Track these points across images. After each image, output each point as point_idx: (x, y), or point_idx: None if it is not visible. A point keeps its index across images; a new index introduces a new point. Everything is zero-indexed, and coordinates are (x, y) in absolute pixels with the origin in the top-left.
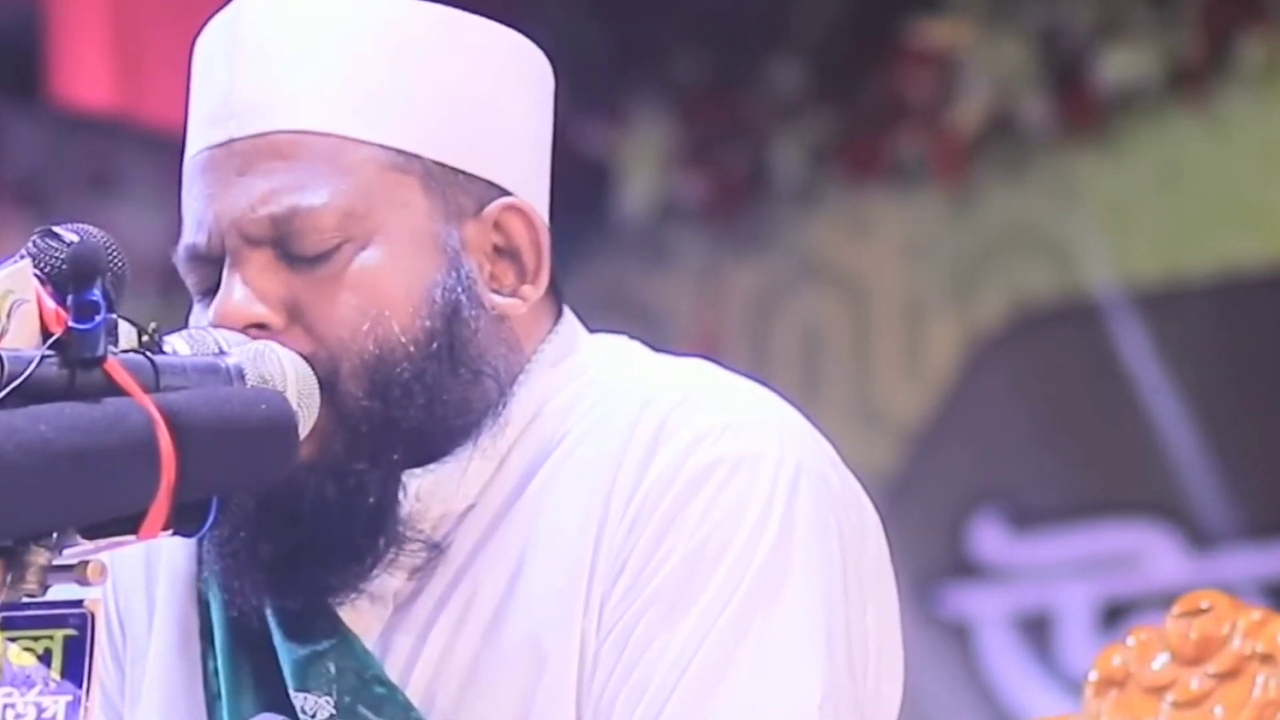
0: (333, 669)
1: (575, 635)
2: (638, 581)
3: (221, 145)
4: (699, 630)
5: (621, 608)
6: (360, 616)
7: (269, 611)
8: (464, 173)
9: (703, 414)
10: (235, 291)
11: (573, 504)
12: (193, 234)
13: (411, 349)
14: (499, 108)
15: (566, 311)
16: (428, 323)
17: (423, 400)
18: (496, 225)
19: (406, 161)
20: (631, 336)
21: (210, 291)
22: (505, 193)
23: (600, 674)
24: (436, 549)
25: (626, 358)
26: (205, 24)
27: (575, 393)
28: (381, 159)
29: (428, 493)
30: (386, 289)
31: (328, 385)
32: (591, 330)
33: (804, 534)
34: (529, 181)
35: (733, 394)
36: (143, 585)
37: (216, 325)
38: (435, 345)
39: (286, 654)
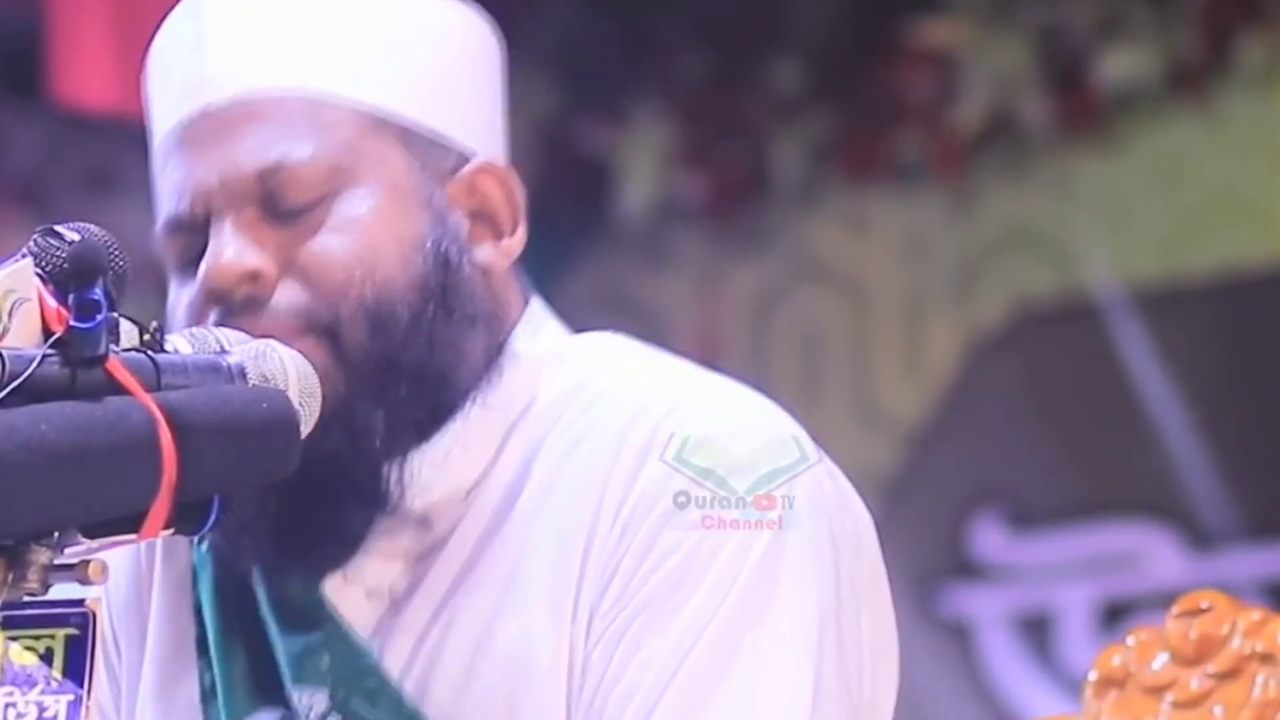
0: (326, 661)
1: (564, 643)
2: (628, 588)
3: (196, 116)
4: (688, 636)
5: (612, 614)
6: (358, 611)
7: (265, 604)
8: (437, 137)
9: (694, 422)
10: (225, 249)
11: (565, 512)
12: (174, 205)
13: (409, 292)
14: (464, 76)
15: (533, 297)
16: (421, 268)
17: (424, 340)
18: (471, 188)
19: (383, 123)
20: (631, 337)
21: (193, 262)
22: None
23: (590, 680)
24: (428, 527)
25: (618, 357)
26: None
27: (567, 391)
28: (359, 118)
29: (417, 475)
30: (376, 234)
31: (329, 332)
32: (592, 330)
33: (796, 540)
34: (494, 151)
35: (725, 400)
36: (136, 600)
37: (208, 286)
38: (431, 288)
39: (283, 648)
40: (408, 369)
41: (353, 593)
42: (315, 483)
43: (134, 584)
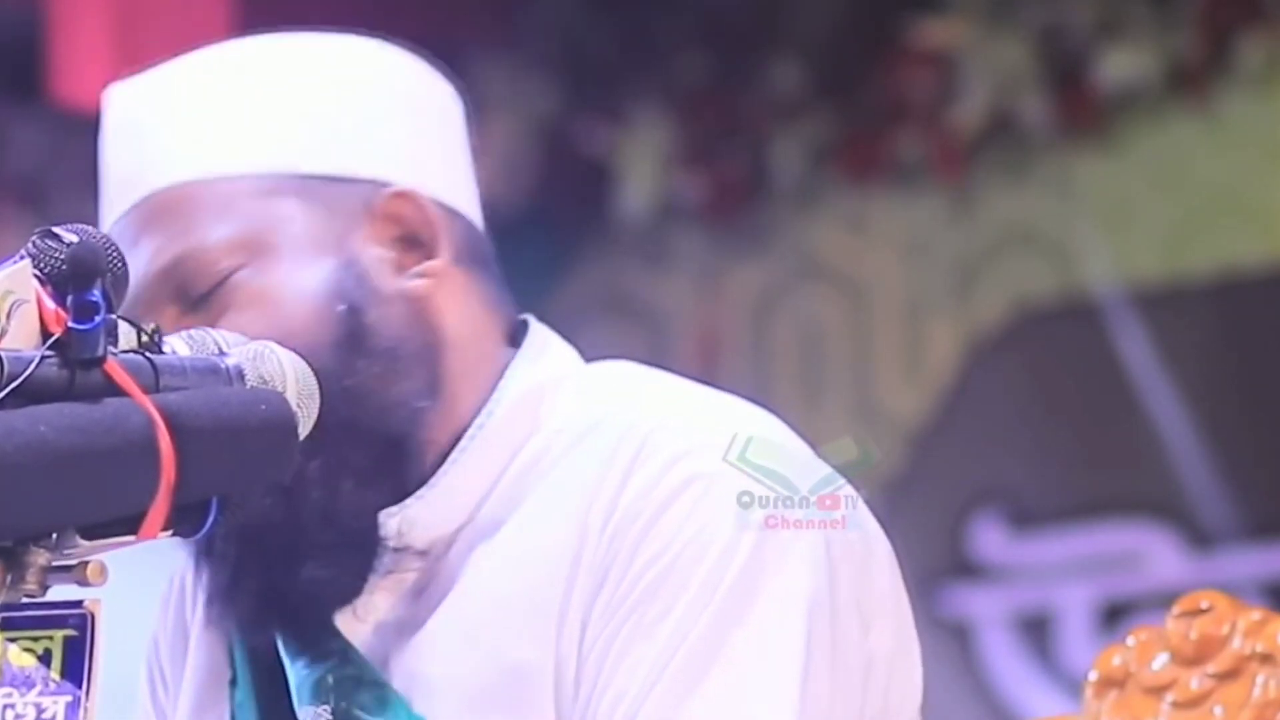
0: (331, 680)
1: (550, 656)
2: (616, 594)
3: (115, 224)
4: (674, 639)
5: (602, 622)
6: (363, 639)
7: (279, 638)
8: (342, 177)
9: (683, 435)
10: None
11: (553, 527)
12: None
13: (318, 348)
14: (366, 110)
15: (534, 326)
16: (330, 319)
17: (338, 391)
18: (388, 217)
19: (280, 183)
20: (631, 337)
21: None
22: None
23: (584, 688)
24: (431, 558)
25: (621, 383)
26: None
27: (567, 417)
28: (254, 187)
29: (409, 523)
30: (280, 300)
31: None
32: (592, 331)
33: (781, 547)
34: (420, 171)
35: (718, 415)
36: (182, 640)
37: None
38: (337, 341)
39: (296, 681)
40: (329, 421)
41: (362, 629)
42: (275, 544)
43: (179, 626)
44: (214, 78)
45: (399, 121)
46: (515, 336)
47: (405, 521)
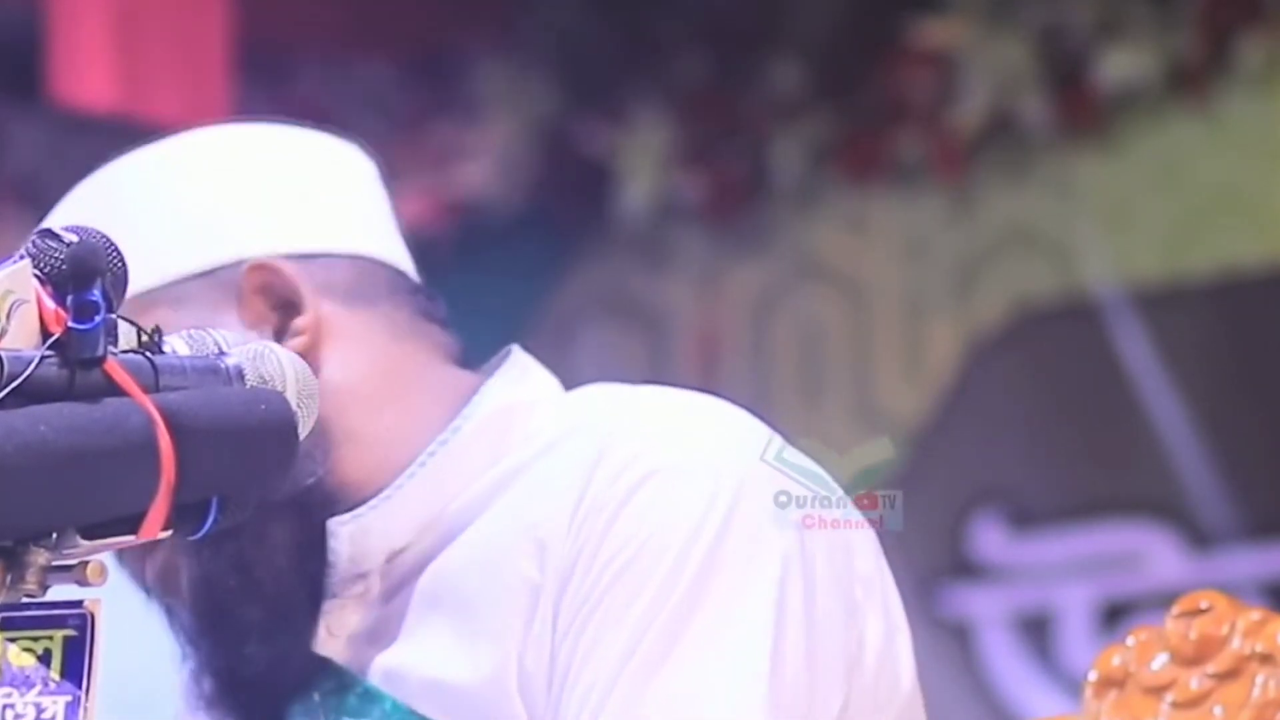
0: (317, 697)
1: (517, 658)
2: (582, 588)
3: None
4: (640, 627)
5: (570, 617)
6: (338, 655)
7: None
8: (205, 272)
9: (646, 433)
10: None
11: (519, 531)
12: None
13: None
14: (207, 199)
15: (516, 353)
16: None
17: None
18: (254, 291)
19: (149, 297)
20: (631, 337)
21: None
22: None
23: (555, 683)
24: (395, 564)
25: (595, 402)
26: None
27: (536, 432)
28: (126, 311)
29: (363, 531)
30: None
31: None
32: (592, 331)
33: (749, 535)
34: (282, 234)
35: (689, 414)
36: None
37: None
38: None
39: (283, 701)
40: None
41: (336, 643)
42: (221, 628)
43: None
44: (68, 218)
45: (248, 196)
46: (465, 358)
47: (359, 530)
